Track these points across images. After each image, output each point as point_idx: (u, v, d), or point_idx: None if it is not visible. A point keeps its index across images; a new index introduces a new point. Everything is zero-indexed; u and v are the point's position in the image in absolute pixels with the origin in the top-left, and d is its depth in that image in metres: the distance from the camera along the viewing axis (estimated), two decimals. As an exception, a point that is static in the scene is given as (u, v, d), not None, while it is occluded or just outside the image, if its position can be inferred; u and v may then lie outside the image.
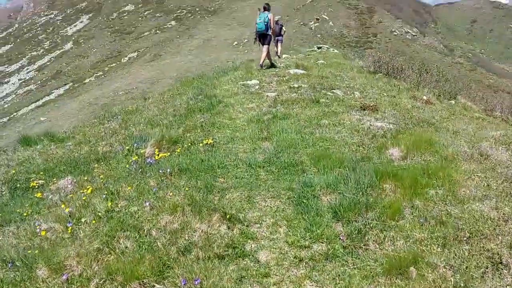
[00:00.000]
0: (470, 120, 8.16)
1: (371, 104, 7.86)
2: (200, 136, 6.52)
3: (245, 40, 50.66)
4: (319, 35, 45.97)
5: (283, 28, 19.13)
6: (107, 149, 6.93)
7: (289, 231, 3.91)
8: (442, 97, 10.70)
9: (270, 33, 12.60)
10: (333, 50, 22.52)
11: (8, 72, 60.49)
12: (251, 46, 48.28)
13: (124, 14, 68.96)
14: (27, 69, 60.14)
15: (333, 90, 9.47)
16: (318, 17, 49.12)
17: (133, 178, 5.18)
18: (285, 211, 4.24)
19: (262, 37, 12.63)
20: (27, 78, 58.45)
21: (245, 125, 7.06)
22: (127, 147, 6.41)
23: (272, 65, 13.09)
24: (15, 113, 51.57)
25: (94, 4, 73.67)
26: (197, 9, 66.72)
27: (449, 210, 4.03)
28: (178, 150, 5.97)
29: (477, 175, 4.70)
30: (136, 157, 5.94)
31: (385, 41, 47.16)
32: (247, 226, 4.00)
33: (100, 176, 5.59)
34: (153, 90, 43.50)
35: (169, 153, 5.95)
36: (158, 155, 5.86)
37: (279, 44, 18.55)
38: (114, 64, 56.05)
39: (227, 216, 4.00)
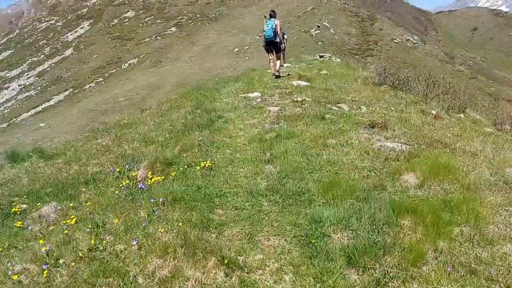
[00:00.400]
0: (485, 138, 7.63)
1: (380, 121, 7.35)
2: (198, 157, 6.00)
3: (246, 47, 50.29)
4: (320, 42, 45.60)
5: (285, 35, 18.60)
6: (97, 169, 6.41)
7: (296, 279, 3.37)
8: (451, 110, 10.19)
9: (278, 40, 12.29)
10: (335, 59, 22.04)
11: (8, 78, 60.12)
12: (252, 53, 47.99)
13: (125, 20, 68.65)
14: (27, 74, 59.77)
15: (339, 104, 8.97)
16: (319, 24, 48.79)
17: (122, 207, 4.64)
18: (291, 253, 3.70)
19: (272, 44, 12.38)
20: (27, 83, 58.08)
21: (246, 144, 6.54)
22: (118, 169, 5.89)
23: (277, 75, 12.72)
24: (14, 119, 51.19)
25: (95, 10, 73.39)
26: (198, 15, 66.45)
27: (478, 254, 3.51)
28: (173, 174, 5.45)
29: (504, 209, 4.18)
30: (127, 181, 5.41)
31: (386, 49, 46.81)
32: (247, 272, 3.46)
33: (87, 203, 5.06)
34: (153, 97, 43.10)
35: (163, 177, 5.42)
36: (151, 179, 5.34)
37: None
38: (114, 70, 55.68)
39: (225, 261, 3.47)
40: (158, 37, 61.15)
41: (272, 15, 12.16)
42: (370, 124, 7.21)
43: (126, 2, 75.30)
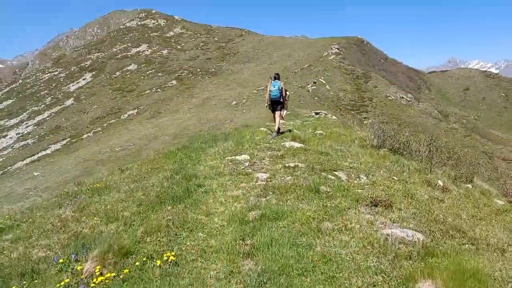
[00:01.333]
0: (503, 217, 6.47)
1: (384, 197, 6.19)
2: (163, 245, 4.77)
3: (244, 100, 50.08)
4: (316, 98, 45.46)
5: (287, 92, 19.00)
6: (43, 254, 5.15)
7: None
8: (458, 180, 9.08)
9: (283, 100, 13.03)
10: (331, 116, 21.24)
11: (7, 127, 59.46)
12: (249, 106, 47.67)
13: (127, 73, 69.08)
14: (26, 123, 59.17)
15: (335, 172, 7.85)
16: (315, 81, 48.89)
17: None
18: None
19: (277, 103, 12.95)
20: (25, 132, 57.37)
21: (224, 226, 5.32)
22: (61, 260, 4.64)
23: (278, 133, 13.02)
24: (9, 167, 50.04)
25: (98, 63, 74.06)
26: (198, 70, 66.98)
27: None
28: (126, 271, 4.21)
29: None
30: (68, 279, 4.17)
31: (380, 105, 46.62)
32: None
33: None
34: (150, 148, 42.25)
35: (114, 274, 4.18)
36: (97, 278, 4.10)
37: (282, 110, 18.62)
38: (113, 121, 55.17)
39: None
40: (158, 90, 61.21)
41: (277, 77, 13.12)
42: (372, 201, 6.04)
43: (129, 56, 76.24)
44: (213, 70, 66.28)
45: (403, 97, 51.28)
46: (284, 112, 18.62)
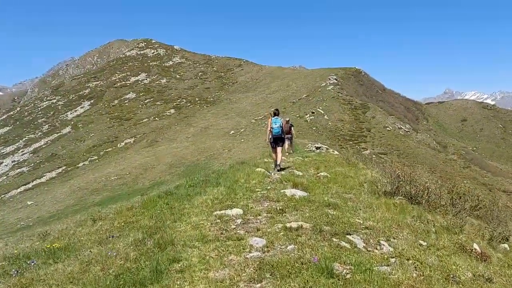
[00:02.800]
0: None
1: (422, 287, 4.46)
2: None
3: (242, 129, 48.76)
4: (314, 128, 44.14)
5: (292, 128, 19.98)
6: None
7: None
8: (494, 241, 7.36)
9: (283, 136, 13.37)
10: (333, 151, 19.65)
11: (3, 154, 57.84)
12: (247, 136, 46.25)
13: (125, 102, 67.95)
14: (23, 151, 57.56)
15: (349, 237, 6.11)
16: (313, 111, 47.72)
17: None
18: None
19: (279, 140, 13.14)
20: (21, 160, 55.72)
21: None
22: None
23: (280, 168, 13.08)
24: (3, 195, 48.28)
25: (97, 92, 73.03)
26: (196, 99, 65.94)
27: None
28: None
29: None
30: None
31: (379, 136, 45.34)
32: None
33: None
34: (146, 177, 40.53)
35: None
36: None
37: (286, 142, 19.01)
38: (110, 149, 53.67)
39: None
40: (156, 118, 59.96)
41: (277, 113, 13.34)
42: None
43: (128, 84, 75.35)
44: (211, 99, 65.24)
45: (401, 128, 50.01)
46: (286, 145, 18.36)
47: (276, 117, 13.13)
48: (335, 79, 57.60)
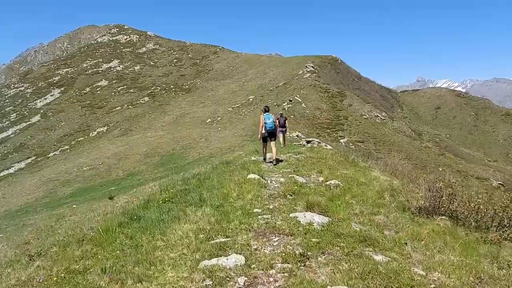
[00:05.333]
0: None
1: None
2: None
3: (219, 118, 48.45)
4: (292, 116, 44.19)
5: (287, 121, 20.37)
6: None
7: None
8: None
9: (276, 131, 13.79)
10: (325, 145, 19.06)
11: (-32, 144, 55.70)
12: (224, 124, 45.99)
13: (97, 89, 66.40)
14: (-11, 141, 55.61)
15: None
16: (291, 99, 47.76)
17: None
18: None
19: (272, 135, 13.52)
20: (-13, 150, 53.78)
21: None
22: None
23: (277, 161, 13.29)
24: (-31, 188, 46.53)
25: (67, 79, 71.04)
26: (171, 86, 65.01)
27: None
28: None
29: None
30: None
31: (356, 124, 45.77)
32: None
33: None
34: (120, 167, 39.85)
35: None
36: None
37: (281, 135, 19.38)
38: (82, 138, 52.46)
39: None
40: (130, 106, 58.86)
41: (267, 110, 13.68)
42: None
43: (100, 71, 73.60)
44: (187, 87, 64.45)
45: (377, 116, 50.69)
46: (281, 138, 19.03)
47: (267, 113, 13.50)
48: (312, 67, 57.77)
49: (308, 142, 19.26)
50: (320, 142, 19.38)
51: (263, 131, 13.37)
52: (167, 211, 7.61)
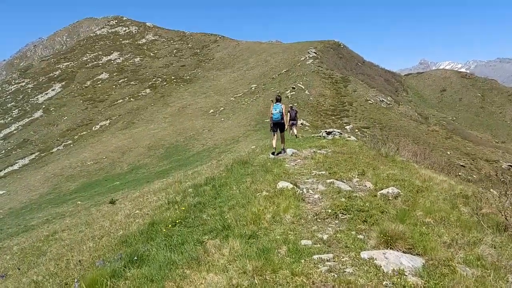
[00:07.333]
0: None
1: None
2: None
3: (221, 108, 47.95)
4: (296, 104, 43.64)
5: (297, 113, 20.19)
6: None
7: None
8: None
9: (283, 122, 13.18)
10: (349, 136, 17.54)
11: (-30, 142, 55.61)
12: (227, 114, 45.49)
13: (98, 82, 65.93)
14: (-8, 138, 55.50)
15: None
16: (294, 86, 47.10)
17: None
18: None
19: (279, 125, 13.11)
20: (-9, 147, 53.69)
21: None
22: None
23: (283, 150, 13.08)
24: (-26, 185, 46.49)
25: (68, 73, 70.57)
26: (172, 77, 64.42)
27: None
28: None
29: None
30: None
31: (361, 110, 45.16)
32: None
33: None
34: (124, 161, 39.52)
35: None
36: None
37: (294, 128, 19.54)
38: (84, 132, 52.19)
39: None
40: (131, 99, 58.42)
41: (278, 99, 13.16)
42: None
43: (100, 64, 73.05)
44: (188, 77, 63.84)
45: (383, 100, 50.03)
46: (295, 130, 19.23)
47: (277, 103, 13.07)
48: (314, 52, 56.95)
49: (328, 133, 18.42)
50: (341, 133, 18.56)
51: (271, 122, 13.25)
52: (179, 245, 5.56)
